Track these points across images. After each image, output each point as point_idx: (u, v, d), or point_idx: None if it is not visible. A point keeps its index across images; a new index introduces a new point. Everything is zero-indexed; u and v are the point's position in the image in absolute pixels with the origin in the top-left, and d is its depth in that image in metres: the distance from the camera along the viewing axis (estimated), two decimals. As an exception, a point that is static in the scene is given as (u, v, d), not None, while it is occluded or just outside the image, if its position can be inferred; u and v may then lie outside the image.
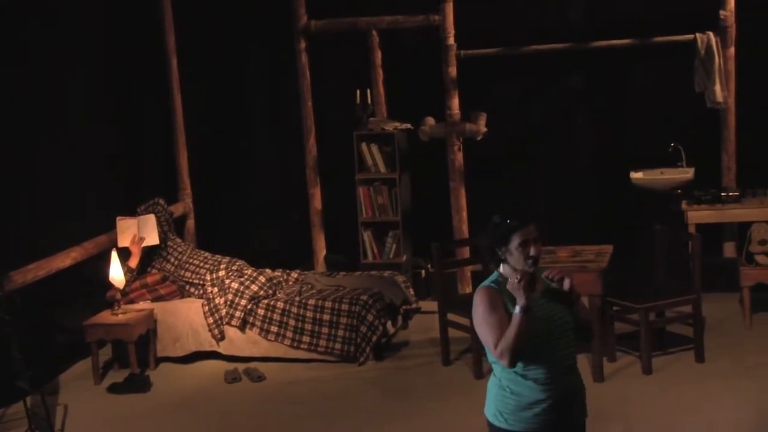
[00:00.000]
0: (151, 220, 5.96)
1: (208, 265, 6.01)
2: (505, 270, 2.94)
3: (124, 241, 5.87)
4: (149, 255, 6.02)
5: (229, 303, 5.75)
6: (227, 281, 5.86)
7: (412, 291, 6.19)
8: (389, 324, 5.83)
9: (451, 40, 6.53)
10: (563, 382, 2.90)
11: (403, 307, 6.00)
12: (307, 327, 5.63)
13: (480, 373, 5.15)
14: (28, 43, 5.64)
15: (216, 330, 5.74)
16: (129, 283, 5.77)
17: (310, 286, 6.03)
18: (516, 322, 2.78)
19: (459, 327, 5.31)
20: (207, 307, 5.78)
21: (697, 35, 6.22)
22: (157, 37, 6.73)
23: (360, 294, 5.72)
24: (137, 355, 5.51)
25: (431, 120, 6.64)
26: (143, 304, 5.80)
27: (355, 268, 6.56)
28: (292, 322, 5.65)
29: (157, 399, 5.29)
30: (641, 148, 6.61)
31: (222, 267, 5.98)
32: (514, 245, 2.88)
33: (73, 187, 5.95)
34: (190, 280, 5.97)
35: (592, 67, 6.70)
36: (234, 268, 6.01)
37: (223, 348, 5.77)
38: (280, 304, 5.71)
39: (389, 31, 6.74)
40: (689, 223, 6.07)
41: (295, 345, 5.65)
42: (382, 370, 5.52)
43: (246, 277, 5.93)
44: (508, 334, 2.80)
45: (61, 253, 5.51)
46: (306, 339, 5.63)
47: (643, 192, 6.42)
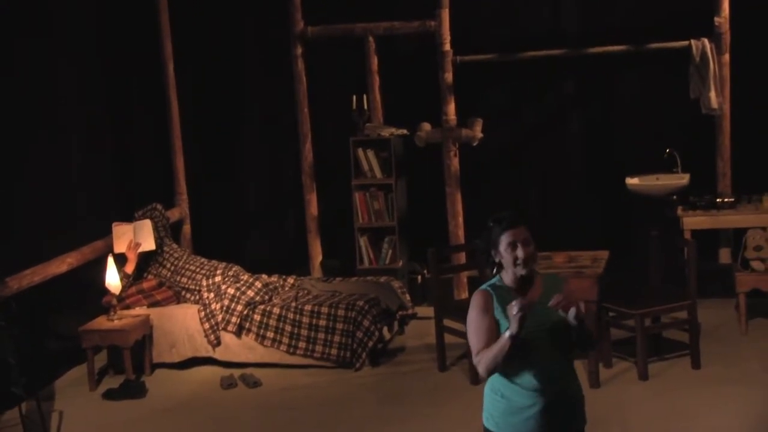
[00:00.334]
0: (147, 226, 5.95)
1: (204, 271, 6.00)
2: (504, 275, 2.94)
3: (120, 247, 5.87)
4: (146, 260, 6.02)
5: (225, 308, 5.74)
6: (223, 287, 5.86)
7: (408, 296, 6.19)
8: (385, 330, 5.82)
9: (447, 46, 6.55)
10: (555, 388, 2.88)
11: (400, 312, 6.00)
12: (304, 333, 5.63)
13: (476, 379, 5.14)
14: (24, 49, 5.64)
15: (212, 336, 5.73)
16: (125, 288, 5.76)
17: (306, 291, 6.02)
18: (501, 343, 2.76)
19: (455, 333, 5.31)
20: (203, 313, 5.78)
21: (692, 42, 6.25)
22: (154, 42, 6.73)
23: (356, 299, 5.71)
24: (133, 361, 5.50)
25: (427, 125, 6.65)
26: (139, 310, 5.80)
27: (351, 274, 6.56)
28: (289, 328, 5.65)
29: (153, 405, 5.27)
30: (636, 154, 6.63)
31: (218, 272, 5.98)
32: (503, 247, 2.88)
33: (69, 192, 5.95)
34: (187, 286, 5.96)
35: (587, 73, 6.72)
36: (230, 273, 6.00)
37: (219, 354, 5.76)
38: (277, 310, 5.71)
39: (386, 37, 6.76)
40: (685, 229, 6.08)
41: (291, 351, 5.64)
42: (378, 376, 5.51)
43: (242, 282, 5.92)
44: (490, 349, 2.79)
45: (57, 258, 5.51)
46: (302, 345, 5.63)
47: (638, 198, 6.44)
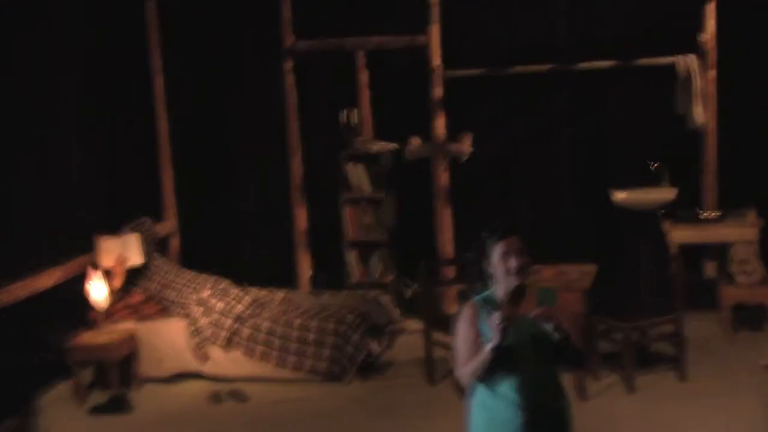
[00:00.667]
0: (134, 240, 5.93)
1: (192, 285, 5.98)
2: (497, 288, 2.92)
3: (107, 261, 5.85)
4: (133, 275, 6.00)
5: (214, 323, 5.72)
6: (212, 301, 5.84)
7: (397, 311, 6.19)
8: (375, 344, 5.82)
9: (437, 61, 6.59)
10: (539, 401, 2.87)
11: (389, 326, 5.99)
12: (293, 347, 5.61)
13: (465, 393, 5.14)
14: (9, 59, 5.62)
15: (200, 350, 5.71)
16: (112, 303, 5.74)
17: (296, 305, 6.01)
18: (483, 356, 2.78)
19: (444, 346, 5.31)
20: (192, 328, 5.76)
21: (679, 58, 6.31)
22: (142, 56, 6.74)
23: (346, 314, 5.71)
24: (120, 376, 5.47)
25: (417, 140, 6.67)
26: (126, 325, 5.76)
27: (341, 288, 6.55)
28: (278, 342, 5.63)
29: (140, 420, 5.24)
30: (624, 168, 6.67)
31: (207, 287, 5.96)
32: (496, 257, 2.88)
33: (56, 206, 5.92)
34: (175, 300, 5.94)
35: (576, 88, 6.77)
36: (219, 287, 5.99)
37: (207, 368, 5.73)
38: (266, 324, 5.69)
39: (376, 51, 6.79)
40: (672, 243, 6.12)
41: (280, 364, 5.63)
42: (367, 390, 5.50)
43: (231, 297, 5.91)
44: (473, 363, 2.80)
45: (44, 272, 5.48)
46: (291, 359, 5.61)
47: (626, 211, 6.47)
